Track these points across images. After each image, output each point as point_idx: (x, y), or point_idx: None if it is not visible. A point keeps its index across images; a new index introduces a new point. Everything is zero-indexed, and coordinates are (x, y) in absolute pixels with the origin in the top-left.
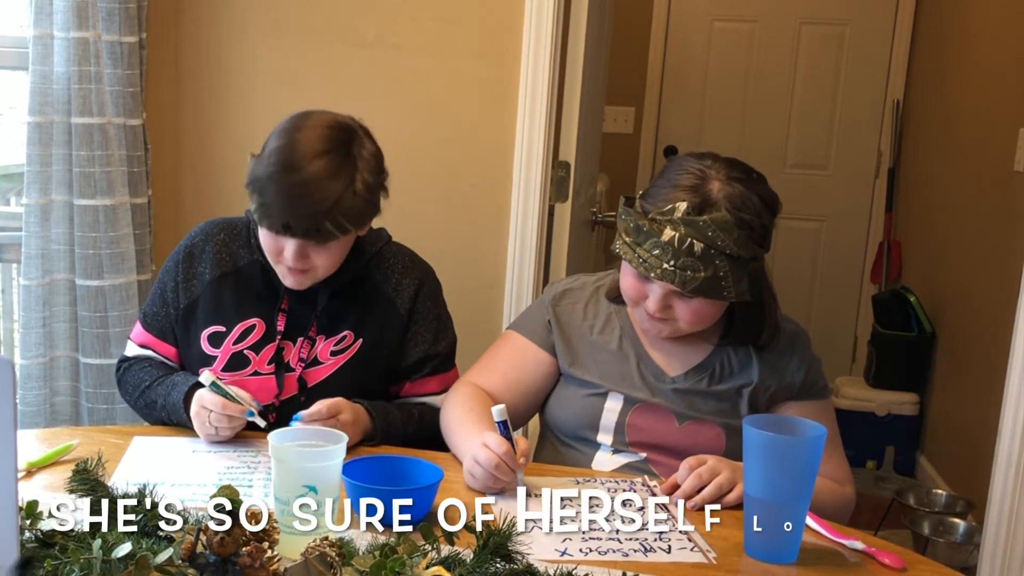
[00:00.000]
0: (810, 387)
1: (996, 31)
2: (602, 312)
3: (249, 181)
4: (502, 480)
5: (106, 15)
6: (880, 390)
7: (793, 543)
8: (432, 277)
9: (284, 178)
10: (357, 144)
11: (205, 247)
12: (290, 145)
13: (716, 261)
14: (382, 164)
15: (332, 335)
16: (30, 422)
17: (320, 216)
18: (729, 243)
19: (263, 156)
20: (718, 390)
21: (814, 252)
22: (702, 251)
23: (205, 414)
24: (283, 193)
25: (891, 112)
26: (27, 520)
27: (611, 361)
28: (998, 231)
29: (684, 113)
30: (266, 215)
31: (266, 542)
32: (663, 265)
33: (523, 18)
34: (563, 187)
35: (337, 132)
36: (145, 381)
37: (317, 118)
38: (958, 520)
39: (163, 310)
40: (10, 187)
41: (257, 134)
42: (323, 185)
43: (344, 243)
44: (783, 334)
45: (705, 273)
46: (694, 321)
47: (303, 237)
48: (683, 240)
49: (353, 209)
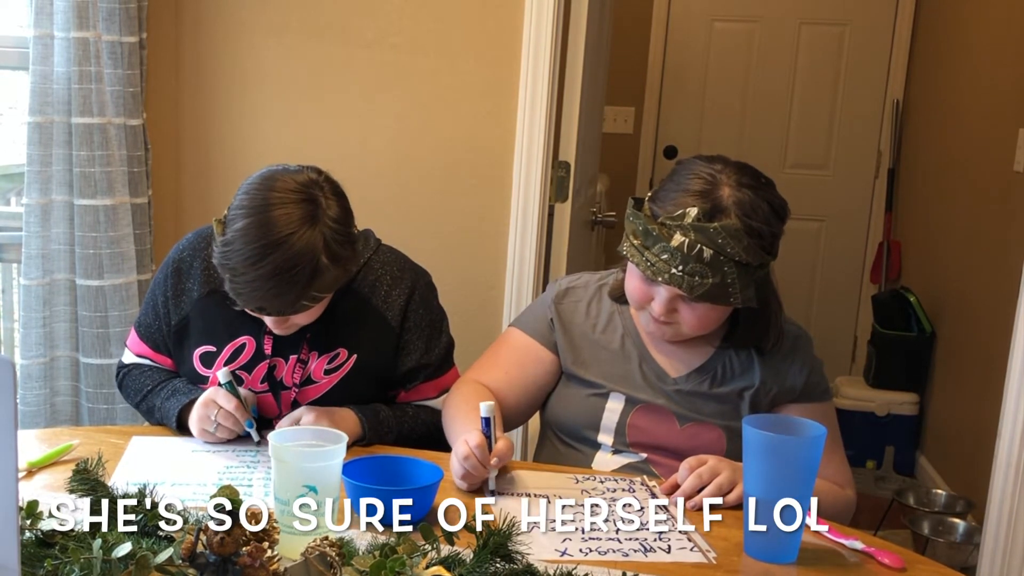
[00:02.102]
0: (812, 390)
1: (996, 31)
2: (605, 311)
3: (216, 262)
4: (471, 475)
5: (106, 15)
6: (880, 390)
7: (793, 543)
8: (423, 282)
9: (251, 272)
10: (322, 213)
11: (193, 263)
12: (254, 229)
13: (724, 268)
14: (349, 221)
15: (325, 352)
16: (30, 422)
17: (291, 302)
18: (738, 250)
19: (228, 238)
20: (720, 392)
21: (814, 252)
22: (711, 257)
23: (214, 409)
24: (250, 285)
25: (891, 112)
26: (27, 520)
27: (613, 361)
28: (998, 231)
29: (684, 113)
30: (237, 298)
31: (266, 542)
32: (671, 270)
33: (523, 18)
34: (563, 187)
35: (301, 208)
36: (147, 385)
37: (280, 193)
38: (958, 520)
39: (156, 323)
40: (10, 187)
41: (257, 134)
42: (291, 276)
43: (323, 300)
44: (786, 337)
45: (713, 279)
46: (698, 326)
47: (278, 315)
48: (692, 246)
49: (326, 282)
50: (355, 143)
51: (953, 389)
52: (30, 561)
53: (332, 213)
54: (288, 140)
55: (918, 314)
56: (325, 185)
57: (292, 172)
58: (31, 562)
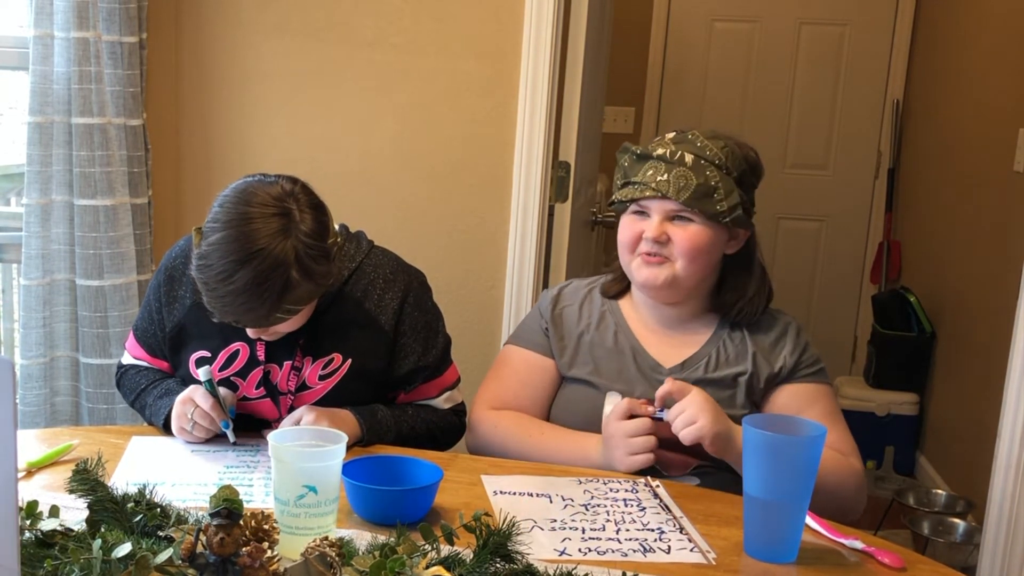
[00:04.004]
0: (804, 368)
1: (996, 31)
2: (596, 310)
3: (193, 275)
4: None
5: (106, 15)
6: (880, 390)
7: (793, 543)
8: (417, 283)
9: (222, 287)
10: (295, 228)
11: (185, 270)
12: (226, 244)
13: (707, 172)
14: (324, 234)
15: (319, 357)
16: (30, 422)
17: (263, 316)
18: (717, 152)
19: (202, 251)
20: (714, 377)
21: (814, 252)
22: (692, 162)
23: (191, 407)
24: (221, 300)
25: (891, 112)
26: (27, 520)
27: (608, 357)
28: (998, 231)
29: (684, 113)
30: (212, 310)
31: (266, 542)
32: (657, 178)
33: (523, 18)
34: (563, 187)
35: (273, 222)
36: (141, 384)
37: (254, 207)
38: (958, 520)
39: (151, 328)
40: (10, 187)
41: (257, 134)
42: (261, 291)
43: (304, 310)
44: (776, 322)
45: (697, 180)
46: (690, 251)
47: (255, 327)
48: (674, 153)
49: (298, 296)
50: (355, 143)
51: (953, 389)
52: (30, 561)
53: (305, 227)
54: (288, 140)
55: (918, 314)
56: (301, 196)
57: (267, 184)
58: (31, 562)
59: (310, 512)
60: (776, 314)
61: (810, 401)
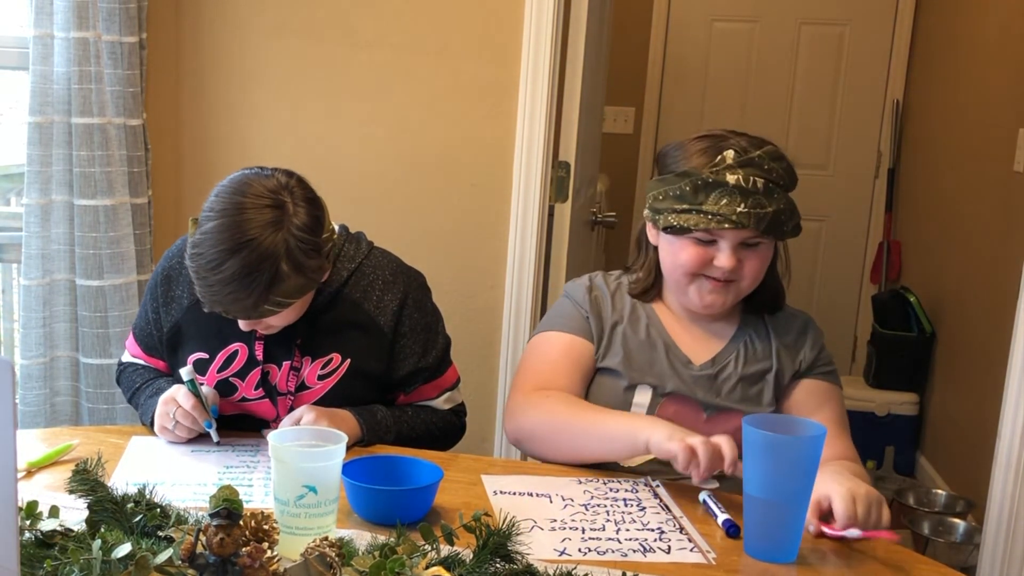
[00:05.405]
0: (821, 365)
1: (996, 31)
2: (627, 303)
3: (186, 263)
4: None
5: (106, 15)
6: (880, 390)
7: (793, 542)
8: (417, 285)
9: (211, 276)
10: (287, 220)
11: (182, 270)
12: (218, 233)
13: (775, 195)
14: (318, 229)
15: (318, 358)
16: (30, 422)
17: (251, 307)
18: (781, 173)
19: (196, 239)
20: (744, 373)
21: (814, 252)
22: (764, 187)
23: (173, 407)
24: (210, 289)
25: (891, 112)
26: (27, 520)
27: (639, 349)
28: (998, 231)
29: (684, 113)
30: (202, 299)
31: (266, 542)
32: (736, 210)
33: (523, 18)
34: (563, 187)
35: (266, 214)
36: (137, 383)
37: (248, 198)
38: (958, 520)
39: (148, 328)
40: (10, 187)
41: (257, 134)
42: (249, 281)
43: (296, 305)
44: (795, 319)
45: (771, 208)
46: (757, 274)
47: (244, 318)
48: (747, 179)
49: (287, 289)
50: (355, 143)
51: (953, 389)
52: (30, 561)
53: (299, 220)
54: (288, 140)
55: (918, 314)
56: (296, 190)
57: (263, 176)
58: (31, 562)
59: (310, 512)
60: (794, 311)
61: (822, 400)
